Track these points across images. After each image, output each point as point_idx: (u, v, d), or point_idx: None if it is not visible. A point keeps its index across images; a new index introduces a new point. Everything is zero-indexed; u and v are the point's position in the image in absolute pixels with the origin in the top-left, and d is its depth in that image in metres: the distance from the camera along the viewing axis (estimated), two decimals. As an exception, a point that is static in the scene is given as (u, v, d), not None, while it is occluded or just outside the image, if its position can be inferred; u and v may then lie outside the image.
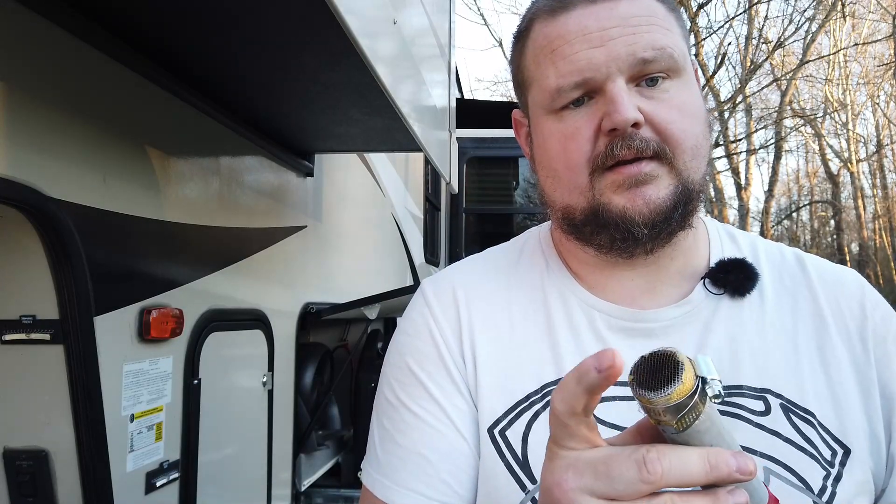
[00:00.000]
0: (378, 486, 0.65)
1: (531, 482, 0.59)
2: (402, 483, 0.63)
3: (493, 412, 0.63)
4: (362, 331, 3.14)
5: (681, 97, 0.60)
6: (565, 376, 0.39)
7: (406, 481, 0.63)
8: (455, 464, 0.63)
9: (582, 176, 0.61)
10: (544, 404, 0.62)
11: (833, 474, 0.57)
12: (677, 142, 0.59)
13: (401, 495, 0.63)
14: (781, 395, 0.60)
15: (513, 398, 0.63)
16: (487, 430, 0.63)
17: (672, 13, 0.63)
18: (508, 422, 0.62)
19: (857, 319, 0.64)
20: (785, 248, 0.72)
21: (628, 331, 0.64)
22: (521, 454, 0.61)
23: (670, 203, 0.59)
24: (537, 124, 0.66)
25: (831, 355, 0.62)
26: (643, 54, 0.58)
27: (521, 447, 0.61)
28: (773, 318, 0.64)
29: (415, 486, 0.62)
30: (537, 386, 0.63)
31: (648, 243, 0.61)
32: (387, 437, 0.66)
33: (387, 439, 0.66)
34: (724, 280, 0.65)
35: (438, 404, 0.64)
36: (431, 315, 0.69)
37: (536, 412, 0.62)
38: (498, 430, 0.62)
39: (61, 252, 1.15)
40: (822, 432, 0.59)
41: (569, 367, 0.62)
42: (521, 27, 0.67)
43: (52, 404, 1.19)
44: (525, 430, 0.61)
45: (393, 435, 0.66)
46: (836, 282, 0.67)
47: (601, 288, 0.67)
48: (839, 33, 17.96)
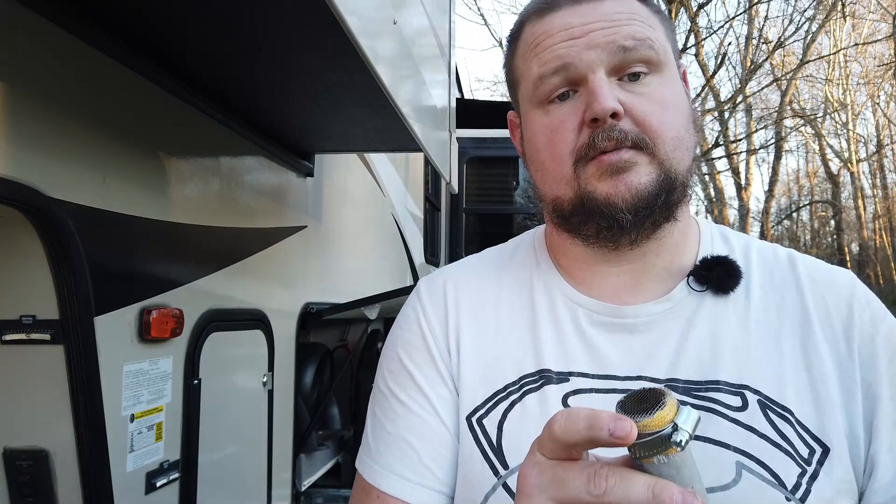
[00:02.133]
0: (367, 470, 0.68)
1: (504, 468, 0.62)
2: (387, 467, 0.66)
3: (473, 401, 0.66)
4: (362, 331, 3.14)
5: (662, 91, 0.62)
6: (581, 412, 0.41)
7: (391, 465, 0.66)
8: (436, 449, 0.66)
9: (567, 167, 0.62)
10: (521, 395, 0.64)
11: (809, 472, 0.57)
12: (657, 132, 0.60)
13: (385, 478, 0.66)
14: (759, 391, 0.60)
15: (492, 388, 0.66)
16: (466, 417, 0.65)
17: (656, 14, 0.65)
18: (486, 410, 0.65)
19: (843, 318, 0.63)
20: (779, 248, 0.72)
21: (610, 326, 0.66)
22: (495, 441, 0.63)
23: (652, 189, 0.60)
24: (526, 120, 0.68)
25: (814, 353, 0.62)
26: (623, 42, 0.60)
27: (497, 435, 0.63)
28: (758, 315, 0.65)
29: (399, 469, 0.66)
30: (516, 377, 0.65)
31: (633, 231, 0.62)
32: (377, 424, 0.70)
33: (377, 426, 0.70)
34: (706, 277, 0.66)
35: (424, 393, 0.68)
36: (422, 308, 0.73)
37: (513, 402, 0.64)
38: (475, 418, 0.65)
39: (61, 252, 1.15)
40: (800, 430, 0.58)
41: (548, 360, 0.65)
42: (513, 30, 0.70)
43: (52, 404, 1.19)
44: (501, 418, 0.64)
45: (383, 422, 0.69)
46: (826, 281, 0.67)
47: (587, 284, 0.69)
48: (839, 33, 17.97)
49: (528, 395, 0.64)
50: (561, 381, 0.64)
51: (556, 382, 0.64)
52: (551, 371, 0.65)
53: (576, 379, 0.64)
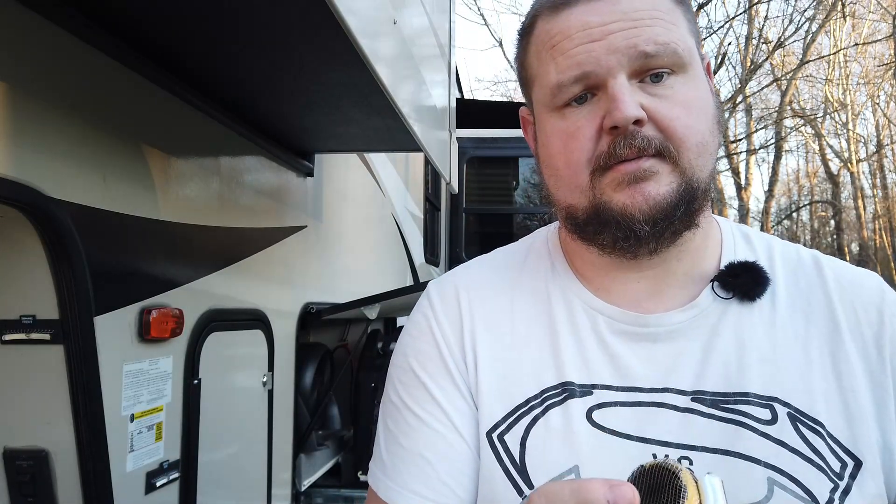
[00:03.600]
0: (381, 487, 0.65)
1: (528, 487, 0.59)
2: (403, 484, 0.63)
3: (493, 416, 0.63)
4: (362, 331, 3.14)
5: (686, 93, 0.58)
6: (589, 485, 0.39)
7: (407, 483, 0.63)
8: (455, 466, 0.63)
9: (583, 175, 0.59)
10: (543, 409, 0.61)
11: (842, 487, 0.55)
12: (681, 139, 0.57)
13: (402, 496, 0.63)
14: (789, 403, 0.58)
15: (512, 402, 0.63)
16: (486, 434, 0.62)
17: (679, 6, 0.61)
18: (507, 426, 0.62)
19: (873, 326, 0.61)
20: (802, 250, 0.69)
21: (632, 335, 0.63)
22: (518, 459, 0.60)
23: (672, 200, 0.57)
24: (541, 122, 0.65)
25: (844, 363, 0.59)
26: (644, 48, 0.56)
27: (520, 452, 0.60)
28: (785, 323, 0.62)
29: (415, 487, 0.63)
30: (537, 390, 0.62)
31: (651, 242, 0.60)
32: (391, 438, 0.66)
33: (391, 441, 0.66)
34: (733, 284, 0.63)
35: (440, 406, 0.64)
36: (434, 316, 0.69)
37: (535, 417, 0.61)
38: (496, 434, 0.62)
39: (61, 252, 1.15)
40: (832, 443, 0.56)
41: (570, 372, 0.62)
42: (524, 24, 0.66)
43: (52, 404, 1.19)
44: (524, 434, 0.61)
45: (396, 437, 0.66)
46: (854, 286, 0.64)
47: (606, 290, 0.66)
48: (839, 33, 17.95)
49: (551, 410, 0.61)
50: (584, 395, 0.61)
51: (579, 396, 0.61)
52: (574, 384, 0.62)
53: (599, 392, 0.61)
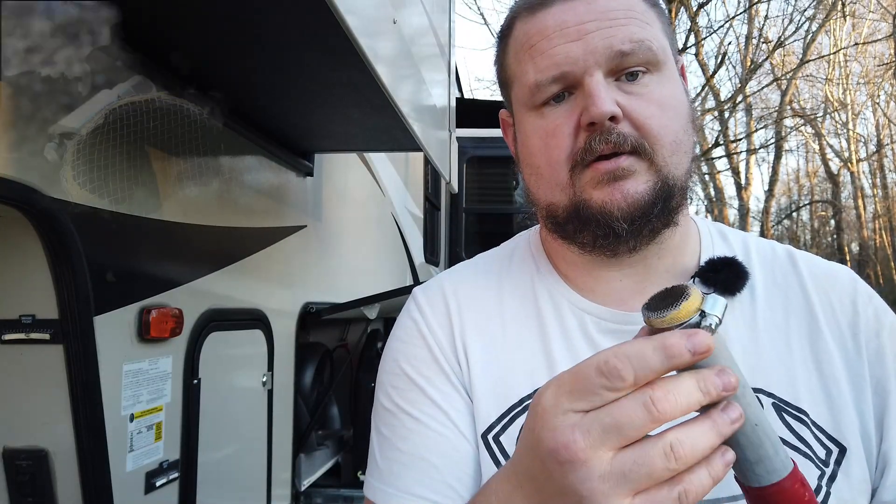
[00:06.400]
0: (380, 495, 0.63)
1: None
2: (405, 489, 0.62)
3: (487, 417, 0.63)
4: (362, 331, 3.14)
5: (661, 92, 0.60)
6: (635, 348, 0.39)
7: (410, 487, 0.62)
8: (459, 467, 0.62)
9: (563, 173, 0.60)
10: None
11: (828, 473, 0.56)
12: (656, 137, 0.59)
13: (404, 501, 0.61)
14: (773, 394, 0.60)
15: (506, 402, 0.63)
16: (482, 435, 0.62)
17: (653, 9, 0.63)
18: (502, 427, 0.62)
19: (848, 315, 0.63)
20: (777, 245, 0.71)
21: (619, 333, 0.64)
22: None
23: (649, 198, 0.59)
24: (520, 122, 0.66)
25: (824, 353, 0.61)
26: (620, 47, 0.58)
27: None
28: (765, 316, 0.64)
29: (419, 491, 0.61)
30: (531, 390, 0.63)
31: (630, 240, 0.61)
32: (387, 444, 0.65)
33: (387, 447, 0.65)
34: (713, 279, 0.65)
35: (439, 407, 0.64)
36: (423, 320, 0.69)
37: None
38: (492, 435, 0.62)
39: (61, 252, 1.15)
40: (816, 431, 0.58)
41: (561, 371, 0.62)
42: (503, 27, 0.68)
43: (52, 404, 1.19)
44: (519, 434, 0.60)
45: (393, 442, 0.64)
46: (828, 278, 0.66)
47: (590, 290, 0.67)
48: (839, 33, 17.95)
49: None
50: None
51: None
52: None
53: None
